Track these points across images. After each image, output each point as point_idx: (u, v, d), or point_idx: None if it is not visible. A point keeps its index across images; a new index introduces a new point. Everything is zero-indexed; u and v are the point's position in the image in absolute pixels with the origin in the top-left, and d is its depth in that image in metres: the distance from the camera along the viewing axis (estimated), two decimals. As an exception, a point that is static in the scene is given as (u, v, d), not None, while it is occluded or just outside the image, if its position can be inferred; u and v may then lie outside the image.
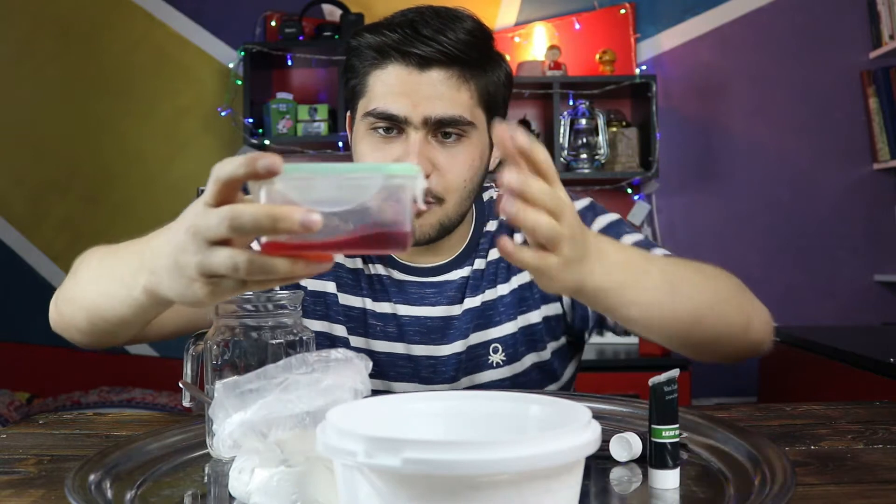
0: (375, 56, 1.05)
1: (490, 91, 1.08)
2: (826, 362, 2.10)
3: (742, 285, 1.01)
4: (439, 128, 1.04)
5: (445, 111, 1.03)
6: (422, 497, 0.51)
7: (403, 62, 1.03)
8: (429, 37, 1.02)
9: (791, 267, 3.18)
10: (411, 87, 1.03)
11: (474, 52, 1.04)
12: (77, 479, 0.67)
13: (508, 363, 1.14)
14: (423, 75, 1.03)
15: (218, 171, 0.63)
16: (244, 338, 0.79)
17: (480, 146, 1.08)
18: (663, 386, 0.71)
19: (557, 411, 0.62)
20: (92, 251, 0.95)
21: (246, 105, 3.05)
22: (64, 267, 3.28)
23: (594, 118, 3.01)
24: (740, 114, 3.22)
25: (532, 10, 3.24)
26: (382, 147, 1.05)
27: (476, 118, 1.06)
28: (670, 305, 0.87)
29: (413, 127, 1.03)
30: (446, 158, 1.05)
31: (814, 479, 0.74)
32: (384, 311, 1.15)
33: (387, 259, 1.15)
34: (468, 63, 1.04)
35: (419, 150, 1.02)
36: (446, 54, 1.02)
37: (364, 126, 1.06)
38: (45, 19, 3.32)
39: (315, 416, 0.66)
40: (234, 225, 0.61)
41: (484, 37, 1.07)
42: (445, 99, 1.03)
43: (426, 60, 1.02)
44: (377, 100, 1.04)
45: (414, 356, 1.14)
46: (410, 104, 1.02)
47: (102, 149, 3.31)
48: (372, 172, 0.63)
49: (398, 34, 1.02)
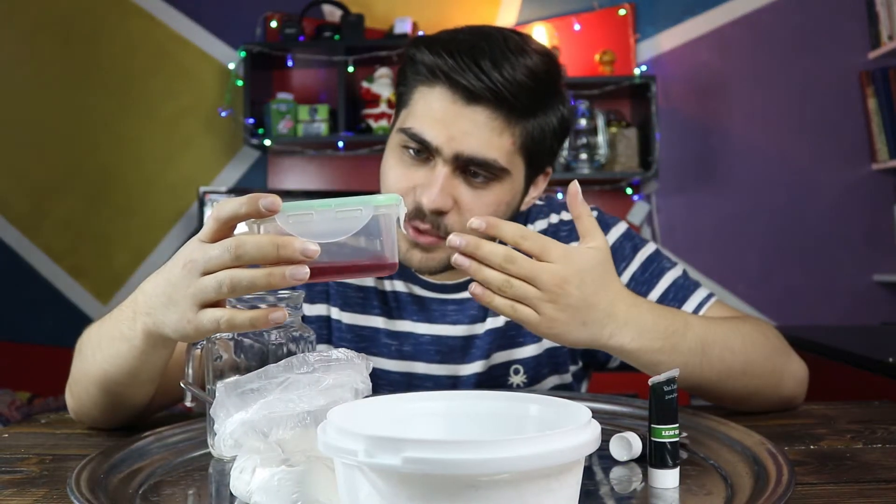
0: (426, 74, 0.98)
1: (535, 137, 1.00)
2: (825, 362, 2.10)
3: (781, 342, 1.03)
4: (469, 165, 0.97)
5: (479, 152, 0.96)
6: (422, 496, 0.51)
7: (451, 90, 0.96)
8: (483, 71, 0.94)
9: (790, 267, 3.18)
10: (451, 118, 0.96)
11: (527, 97, 0.97)
12: (79, 478, 0.68)
13: (529, 385, 1.12)
14: (466, 109, 0.96)
15: (219, 211, 0.68)
16: (245, 338, 0.79)
17: (511, 193, 1.02)
18: (663, 386, 0.71)
19: (557, 411, 0.62)
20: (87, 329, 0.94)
21: (246, 105, 3.06)
22: (64, 267, 3.29)
23: (594, 118, 3.02)
24: (740, 114, 3.22)
25: (532, 11, 3.24)
26: (409, 167, 1.00)
27: (513, 165, 1.00)
28: (699, 368, 0.92)
29: (442, 159, 0.97)
30: (470, 198, 0.98)
31: (813, 478, 0.74)
32: (401, 329, 1.11)
33: (407, 274, 1.11)
34: (518, 107, 0.97)
35: (442, 186, 0.97)
36: (496, 94, 0.95)
37: (398, 139, 1.01)
38: (46, 20, 3.33)
39: (316, 416, 0.66)
40: (238, 253, 0.67)
41: (546, 78, 0.99)
42: (483, 140, 0.96)
43: (474, 95, 0.95)
44: (415, 120, 0.99)
45: (432, 375, 1.11)
46: (446, 135, 0.96)
47: (103, 149, 3.31)
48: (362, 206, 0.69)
49: (454, 60, 0.95)
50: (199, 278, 0.69)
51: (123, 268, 3.26)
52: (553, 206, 1.17)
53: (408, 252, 1.01)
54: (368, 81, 3.14)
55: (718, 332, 0.95)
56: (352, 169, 3.27)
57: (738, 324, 1.00)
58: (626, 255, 1.12)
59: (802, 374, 1.04)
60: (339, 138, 3.07)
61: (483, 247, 0.78)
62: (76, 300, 3.27)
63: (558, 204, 1.18)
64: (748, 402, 1.00)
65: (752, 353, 0.97)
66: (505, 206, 1.02)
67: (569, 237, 1.13)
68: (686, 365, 0.90)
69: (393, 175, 1.01)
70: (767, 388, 1.00)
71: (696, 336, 0.91)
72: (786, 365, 1.02)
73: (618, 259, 1.11)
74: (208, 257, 0.68)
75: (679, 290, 1.09)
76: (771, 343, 1.01)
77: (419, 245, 1.00)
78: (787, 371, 1.02)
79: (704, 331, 0.93)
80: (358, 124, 3.12)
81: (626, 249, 1.12)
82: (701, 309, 1.07)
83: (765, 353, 0.99)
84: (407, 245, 1.01)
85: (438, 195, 0.96)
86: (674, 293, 1.08)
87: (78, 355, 0.94)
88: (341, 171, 3.29)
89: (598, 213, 1.16)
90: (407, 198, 0.99)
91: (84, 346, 0.93)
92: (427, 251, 1.01)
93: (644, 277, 1.10)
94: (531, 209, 1.16)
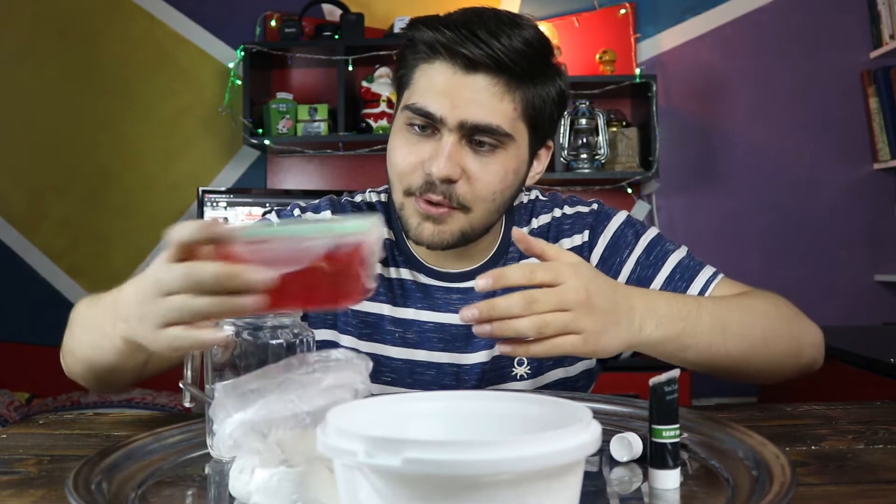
0: (426, 51, 1.02)
1: (536, 105, 1.03)
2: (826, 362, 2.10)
3: (792, 309, 1.04)
4: (474, 134, 1.00)
5: (483, 118, 0.99)
6: (422, 497, 0.51)
7: (451, 61, 1.00)
8: (481, 39, 0.98)
9: (791, 267, 3.18)
10: (453, 88, 0.99)
11: (525, 63, 1.00)
12: (77, 479, 0.67)
13: (532, 377, 1.12)
14: (467, 77, 0.99)
15: (174, 236, 0.70)
16: (245, 338, 0.79)
17: (517, 160, 1.04)
18: (663, 386, 0.71)
19: (557, 411, 0.62)
20: (81, 302, 0.99)
21: (246, 105, 3.05)
22: (64, 267, 3.29)
23: (594, 118, 3.02)
24: (740, 114, 3.22)
25: (532, 10, 3.24)
26: (415, 144, 1.03)
27: (516, 131, 1.02)
28: (723, 346, 0.94)
29: (448, 129, 1.00)
30: (478, 166, 1.01)
31: (814, 479, 0.74)
32: (405, 316, 1.12)
33: (413, 262, 1.12)
34: (517, 73, 1.00)
35: (450, 154, 0.99)
36: (495, 60, 0.98)
37: (402, 119, 1.04)
38: (45, 19, 3.32)
39: (315, 416, 0.66)
40: (196, 279, 0.69)
41: (541, 48, 1.02)
42: (486, 106, 0.99)
43: (473, 63, 0.99)
44: (418, 95, 1.02)
45: (436, 363, 1.11)
46: (449, 105, 0.99)
47: (102, 149, 3.31)
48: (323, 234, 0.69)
49: (452, 32, 0.99)
50: (163, 298, 0.71)
51: (122, 268, 3.26)
52: (556, 201, 1.19)
53: (419, 226, 1.04)
54: (368, 81, 3.14)
55: (733, 309, 0.96)
56: (351, 169, 3.27)
57: (749, 299, 1.01)
58: (630, 242, 1.13)
59: (818, 338, 1.05)
60: (339, 138, 3.07)
61: (498, 305, 0.77)
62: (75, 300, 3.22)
63: (561, 199, 1.20)
64: (771, 374, 1.01)
65: (770, 325, 0.98)
66: (513, 175, 1.04)
67: (571, 230, 1.15)
68: (710, 345, 0.92)
69: (400, 154, 1.04)
70: (789, 358, 1.01)
71: (711, 316, 0.93)
72: (802, 331, 1.03)
73: (621, 246, 1.13)
74: (171, 278, 0.70)
75: (685, 270, 1.09)
76: (784, 312, 1.02)
77: (431, 217, 1.02)
78: (804, 337, 1.03)
79: (719, 309, 0.94)
80: (358, 124, 3.12)
81: (628, 236, 1.13)
82: (709, 287, 1.08)
83: (781, 323, 1.00)
84: (418, 219, 1.03)
85: (446, 163, 0.99)
86: (680, 273, 1.09)
87: (69, 328, 0.99)
88: (341, 170, 3.29)
89: (599, 205, 1.18)
90: (416, 173, 1.02)
91: (74, 322, 0.98)
92: (439, 223, 1.03)
93: (649, 261, 1.11)
94: (535, 204, 1.18)
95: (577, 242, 1.14)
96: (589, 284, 0.80)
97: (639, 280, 1.10)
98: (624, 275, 1.11)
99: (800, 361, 1.03)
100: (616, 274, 1.11)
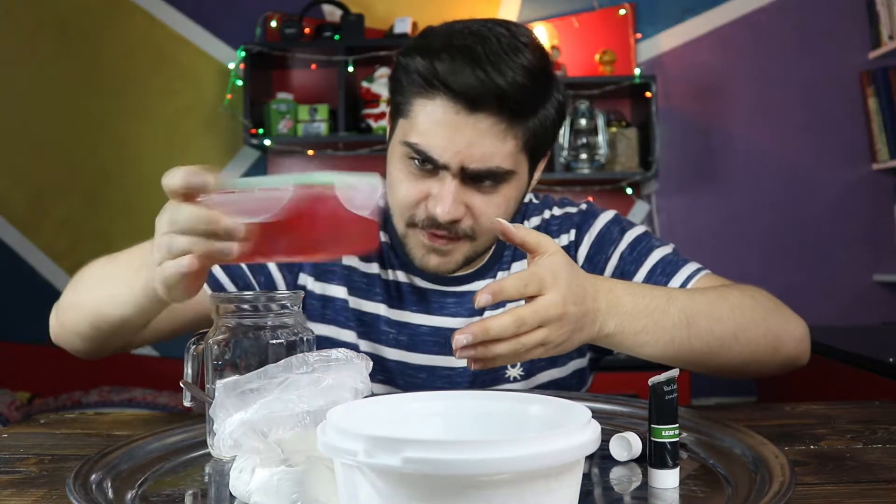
0: (423, 86, 0.96)
1: (538, 134, 1.01)
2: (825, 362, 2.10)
3: (774, 303, 1.02)
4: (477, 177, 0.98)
5: (484, 163, 0.97)
6: (422, 497, 0.51)
7: (452, 100, 0.95)
8: (483, 75, 0.93)
9: (790, 267, 3.18)
10: (455, 130, 0.95)
11: (528, 98, 0.97)
12: (78, 478, 0.68)
13: (525, 378, 1.12)
14: (469, 118, 0.95)
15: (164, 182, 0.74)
16: (245, 338, 0.79)
17: (518, 189, 1.03)
18: (663, 386, 0.71)
19: (557, 411, 0.62)
20: (93, 262, 1.02)
21: (246, 105, 3.05)
22: (64, 267, 3.29)
23: (594, 118, 3.02)
24: (740, 114, 3.22)
25: (532, 10, 3.24)
26: (416, 179, 1.00)
27: (518, 164, 1.00)
28: (686, 343, 0.91)
29: (451, 173, 0.97)
30: (481, 202, 1.00)
31: (813, 478, 0.74)
32: (400, 318, 1.12)
33: (408, 265, 1.11)
34: (519, 110, 0.96)
35: (454, 198, 0.98)
36: (499, 99, 0.94)
37: (401, 150, 1.01)
38: (46, 19, 3.32)
39: (315, 416, 0.66)
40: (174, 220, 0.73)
41: (542, 75, 0.98)
42: (489, 148, 0.96)
43: (475, 103, 0.94)
44: (419, 135, 0.97)
45: (430, 366, 1.12)
46: (452, 150, 0.96)
47: (102, 149, 3.31)
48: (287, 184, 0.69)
49: (450, 65, 0.94)
50: (159, 237, 0.75)
51: (123, 268, 3.26)
52: (547, 203, 1.20)
53: (424, 257, 1.04)
54: (368, 81, 3.14)
55: (703, 302, 0.93)
56: (352, 169, 3.27)
57: (725, 291, 0.98)
58: (615, 238, 1.12)
59: (801, 332, 1.01)
60: (339, 138, 3.07)
61: (491, 329, 0.77)
62: (76, 300, 3.26)
63: (552, 201, 1.20)
64: (746, 369, 0.99)
65: (743, 319, 0.95)
66: (514, 202, 1.04)
67: (559, 230, 1.16)
68: (672, 341, 0.90)
69: (403, 189, 1.02)
70: (765, 354, 0.98)
71: (679, 310, 0.90)
72: (782, 326, 0.99)
73: (606, 243, 1.12)
74: (160, 222, 0.75)
75: (667, 265, 1.08)
76: (763, 306, 0.99)
77: (436, 249, 1.03)
78: (784, 332, 0.99)
79: (689, 303, 0.92)
80: (358, 124, 3.12)
81: (613, 233, 1.13)
82: (690, 281, 1.06)
83: (756, 317, 0.97)
84: (423, 250, 1.03)
85: (451, 206, 0.98)
86: (661, 268, 1.08)
87: (74, 285, 1.01)
88: (341, 170, 3.28)
89: (588, 205, 1.18)
90: (419, 208, 1.01)
91: (84, 279, 1.00)
92: (444, 255, 1.03)
93: (632, 257, 1.10)
94: (528, 207, 1.19)
95: (564, 242, 1.14)
96: (566, 297, 0.80)
97: (622, 275, 1.09)
98: (608, 270, 1.11)
99: (778, 356, 0.99)
100: (601, 271, 1.11)
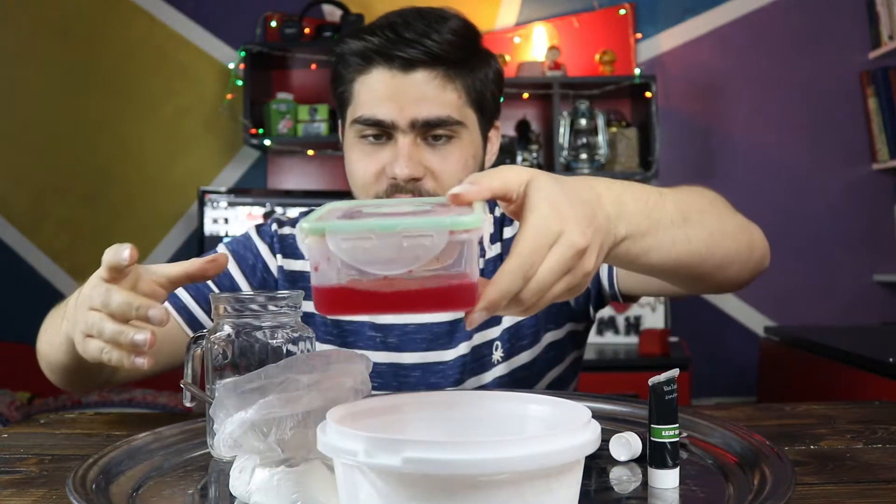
0: (360, 62, 1.04)
1: (478, 89, 1.07)
2: (825, 362, 2.10)
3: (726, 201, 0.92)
4: (428, 130, 1.03)
5: (432, 112, 1.02)
6: (422, 497, 0.51)
7: (387, 66, 1.02)
8: (412, 39, 1.01)
9: (790, 267, 3.18)
10: (396, 91, 1.02)
11: (459, 52, 1.03)
12: (78, 478, 0.68)
13: (506, 359, 1.13)
14: (407, 77, 1.02)
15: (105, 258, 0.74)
16: (245, 338, 0.79)
17: (473, 146, 1.08)
18: (663, 386, 0.71)
19: (557, 411, 0.62)
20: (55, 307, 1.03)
21: (246, 105, 3.05)
22: (64, 267, 3.29)
23: (594, 118, 3.02)
24: (740, 114, 3.22)
25: (532, 11, 3.24)
26: (372, 154, 1.05)
27: (466, 117, 1.06)
28: (685, 239, 0.78)
29: (401, 131, 1.03)
30: (438, 161, 1.04)
31: (813, 478, 0.74)
32: (385, 321, 1.13)
33: None
34: (453, 62, 1.03)
35: (409, 154, 1.02)
36: (430, 54, 1.01)
37: (353, 133, 1.07)
38: (46, 19, 3.32)
39: (316, 416, 0.66)
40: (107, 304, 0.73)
41: (470, 35, 1.06)
42: (431, 100, 1.02)
43: (410, 62, 1.01)
44: (363, 106, 1.04)
45: (419, 364, 1.12)
46: (396, 108, 1.02)
47: (103, 149, 3.31)
48: (435, 229, 0.53)
49: (380, 38, 1.02)
50: (87, 311, 0.75)
51: (123, 268, 3.26)
52: None
53: None
54: (368, 81, 3.13)
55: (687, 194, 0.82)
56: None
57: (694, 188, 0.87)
58: None
59: (760, 231, 0.96)
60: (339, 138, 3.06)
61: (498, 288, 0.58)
62: (76, 300, 3.25)
63: None
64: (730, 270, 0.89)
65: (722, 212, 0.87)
66: (473, 161, 1.07)
67: None
68: (674, 243, 0.77)
69: (360, 167, 1.06)
70: (743, 249, 0.89)
71: (674, 204, 0.78)
72: (747, 222, 0.93)
73: None
74: (92, 297, 0.75)
75: None
76: (723, 202, 0.90)
77: None
78: (750, 228, 0.93)
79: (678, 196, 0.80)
80: (358, 124, 3.12)
81: None
82: None
83: (729, 210, 0.90)
84: None
85: (408, 163, 1.01)
86: None
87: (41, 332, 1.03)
88: (341, 170, 3.26)
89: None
90: (379, 180, 1.04)
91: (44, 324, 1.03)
92: None
93: None
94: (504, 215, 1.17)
95: None
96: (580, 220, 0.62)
97: None
98: None
99: (753, 255, 0.92)
100: None
